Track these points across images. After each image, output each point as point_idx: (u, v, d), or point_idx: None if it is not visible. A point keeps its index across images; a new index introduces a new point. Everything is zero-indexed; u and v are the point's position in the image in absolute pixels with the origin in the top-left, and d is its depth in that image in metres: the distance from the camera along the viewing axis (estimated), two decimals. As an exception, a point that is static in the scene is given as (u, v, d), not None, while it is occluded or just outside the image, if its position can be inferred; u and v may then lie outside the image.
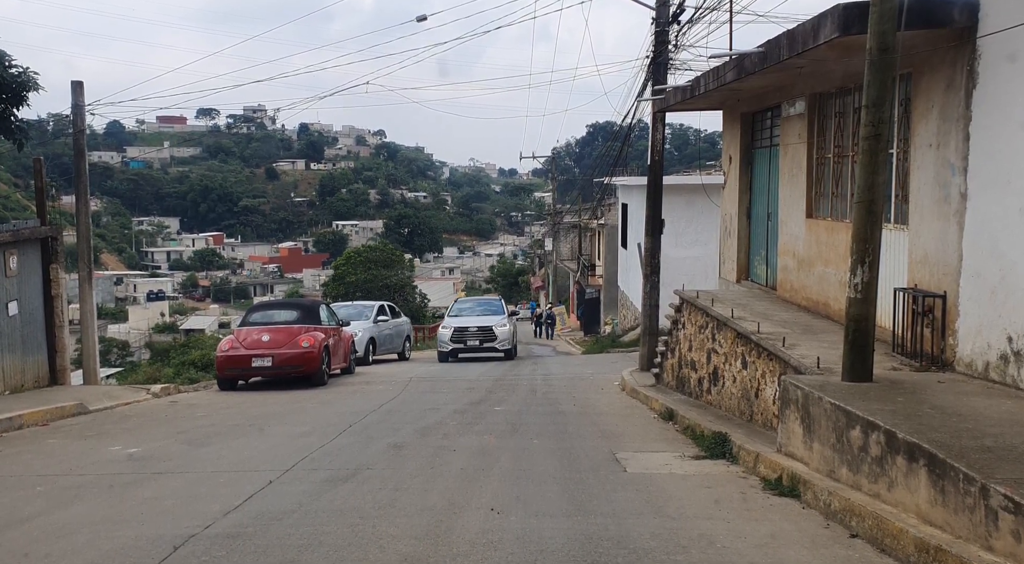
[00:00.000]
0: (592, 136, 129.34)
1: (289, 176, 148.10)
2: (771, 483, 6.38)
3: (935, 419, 5.31)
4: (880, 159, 6.48)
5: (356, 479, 6.91)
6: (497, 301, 25.97)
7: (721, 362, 10.24)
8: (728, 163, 14.36)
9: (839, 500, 5.37)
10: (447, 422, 10.43)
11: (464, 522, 5.49)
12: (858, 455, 5.48)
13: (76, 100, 15.33)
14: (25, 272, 13.54)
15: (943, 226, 7.29)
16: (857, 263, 6.56)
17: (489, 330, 22.44)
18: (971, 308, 6.87)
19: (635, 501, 6.07)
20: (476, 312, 23.91)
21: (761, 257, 13.09)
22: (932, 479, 4.56)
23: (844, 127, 9.86)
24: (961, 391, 6.27)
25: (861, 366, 6.61)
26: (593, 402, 12.50)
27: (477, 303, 25.81)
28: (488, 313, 23.77)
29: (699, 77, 12.17)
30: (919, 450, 4.73)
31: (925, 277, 7.61)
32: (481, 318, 23.20)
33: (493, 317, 23.30)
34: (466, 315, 23.69)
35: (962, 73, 6.98)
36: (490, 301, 26.21)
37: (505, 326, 22.82)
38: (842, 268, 9.44)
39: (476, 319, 23.14)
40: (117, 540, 5.22)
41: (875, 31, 6.37)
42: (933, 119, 7.49)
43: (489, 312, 23.88)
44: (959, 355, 7.04)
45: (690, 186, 23.98)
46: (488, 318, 23.19)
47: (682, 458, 7.71)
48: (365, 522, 5.48)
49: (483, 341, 22.39)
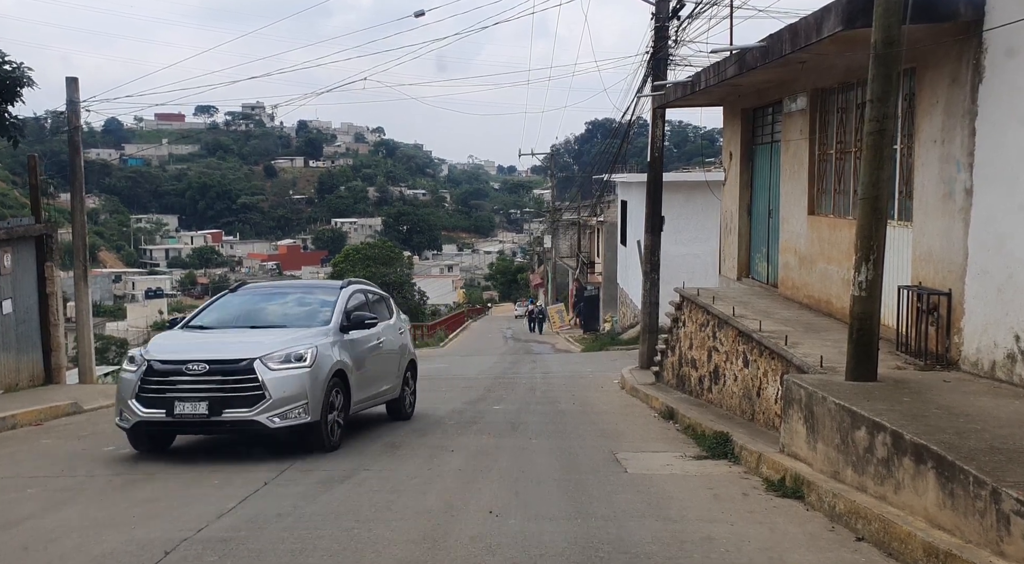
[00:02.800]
0: (591, 133, 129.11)
1: (288, 173, 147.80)
2: (774, 484, 6.28)
3: (942, 420, 5.21)
4: (885, 154, 6.37)
5: (353, 480, 6.81)
6: (329, 290, 9.74)
7: (722, 360, 10.14)
8: (729, 160, 14.25)
9: (844, 502, 5.26)
10: (445, 420, 10.33)
11: (462, 525, 5.38)
12: (863, 456, 5.37)
13: (71, 96, 15.18)
14: (19, 270, 13.43)
15: (948, 223, 7.18)
16: (861, 260, 6.45)
17: (242, 371, 7.74)
18: (977, 306, 6.76)
19: (636, 503, 5.96)
20: (259, 316, 9.26)
21: (762, 254, 12.98)
22: (941, 482, 4.45)
23: (847, 123, 9.75)
24: (968, 391, 6.16)
25: (865, 365, 6.50)
26: (593, 400, 12.40)
27: (272, 294, 10.11)
28: (286, 320, 9.09)
29: (700, 72, 12.05)
30: (927, 452, 4.62)
31: (929, 275, 7.50)
32: (248, 337, 8.50)
33: (283, 334, 8.49)
34: (219, 328, 8.95)
35: (968, 68, 6.86)
36: (310, 289, 10.36)
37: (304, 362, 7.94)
38: (845, 265, 9.34)
39: (230, 340, 8.47)
40: (107, 544, 5.11)
41: (880, 24, 6.25)
42: (938, 114, 7.38)
43: (293, 318, 9.13)
44: (965, 354, 6.94)
45: (690, 183, 23.90)
46: (269, 337, 8.38)
47: (683, 458, 7.61)
48: (361, 526, 5.38)
49: (222, 405, 7.67)
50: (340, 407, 8.36)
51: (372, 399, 9.44)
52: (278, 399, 7.59)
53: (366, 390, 9.11)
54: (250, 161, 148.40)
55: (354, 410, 8.83)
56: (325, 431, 7.99)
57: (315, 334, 8.39)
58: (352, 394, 8.62)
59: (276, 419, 7.59)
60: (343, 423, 8.43)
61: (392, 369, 9.99)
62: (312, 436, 7.92)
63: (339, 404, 8.35)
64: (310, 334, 8.36)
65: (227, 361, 7.71)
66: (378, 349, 9.53)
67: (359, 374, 8.83)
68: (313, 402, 7.80)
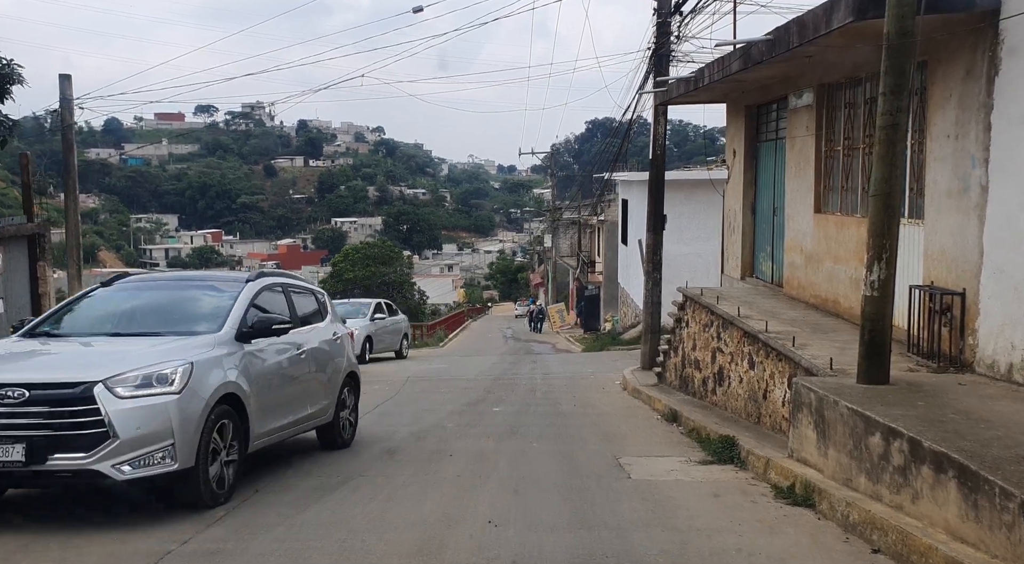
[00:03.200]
0: (591, 133, 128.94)
1: (288, 173, 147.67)
2: (783, 491, 6.07)
3: (961, 426, 4.98)
4: (898, 149, 6.15)
5: (346, 488, 6.58)
6: (230, 284, 7.46)
7: (727, 362, 9.91)
8: (732, 157, 14.02)
9: (858, 512, 5.04)
10: (444, 424, 10.11)
11: (459, 536, 5.16)
12: (878, 463, 5.15)
13: (64, 93, 14.97)
14: (11, 270, 13.22)
15: (962, 220, 6.95)
16: (874, 259, 6.22)
17: (77, 399, 5.48)
18: (993, 306, 6.53)
19: (640, 511, 5.74)
20: (128, 320, 6.95)
21: (766, 253, 12.75)
22: (963, 492, 4.23)
23: (854, 118, 9.51)
24: (985, 394, 5.93)
25: (878, 368, 6.27)
26: (594, 402, 12.18)
27: (153, 289, 7.74)
28: (164, 325, 6.75)
29: (703, 68, 11.82)
30: (947, 460, 4.40)
31: (942, 274, 7.27)
32: (100, 349, 6.29)
33: (152, 345, 6.22)
34: (73, 336, 6.76)
35: (983, 59, 6.63)
36: (206, 283, 7.74)
37: (169, 385, 5.73)
38: (852, 264, 9.12)
39: (71, 354, 6.35)
40: (89, 558, 4.89)
41: (893, 15, 6.02)
42: (951, 109, 7.14)
43: (174, 322, 6.81)
44: (979, 356, 6.70)
45: (691, 181, 23.67)
46: (130, 349, 6.11)
47: (688, 463, 7.39)
48: (353, 537, 5.16)
49: (48, 448, 5.39)
50: (230, 445, 6.14)
51: (289, 428, 7.25)
52: (128, 439, 5.38)
53: (277, 417, 6.93)
54: (250, 160, 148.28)
55: (257, 445, 6.66)
56: (203, 481, 5.77)
57: (196, 345, 6.19)
58: (252, 425, 6.43)
59: (126, 468, 5.39)
60: (238, 465, 6.25)
61: (320, 386, 7.86)
62: (185, 489, 5.76)
63: (228, 441, 6.11)
64: (189, 345, 6.16)
65: (56, 385, 5.45)
66: (298, 362, 7.41)
67: (265, 397, 6.66)
68: (183, 442, 5.59)
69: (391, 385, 14.76)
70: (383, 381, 15.60)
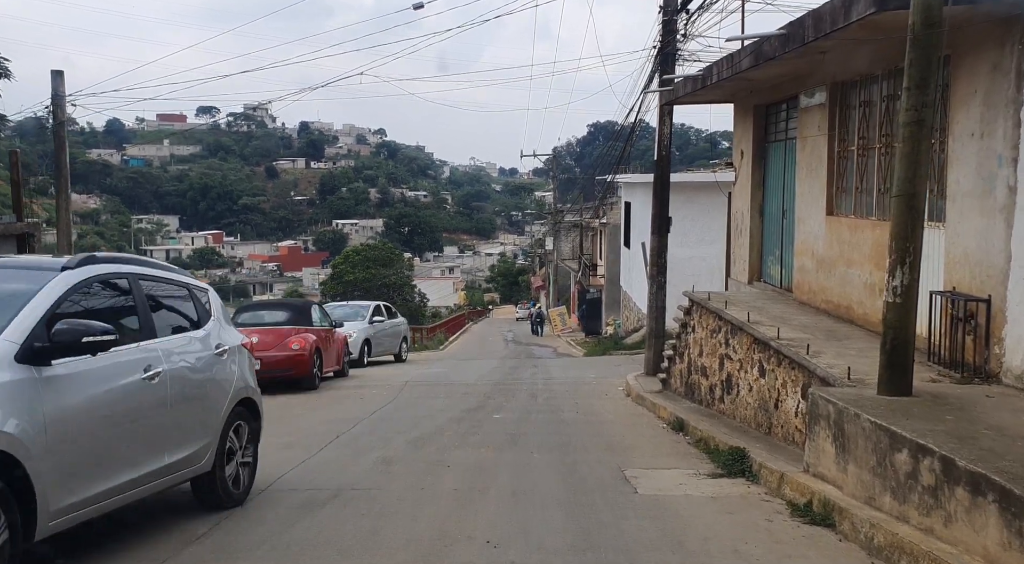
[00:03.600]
0: (593, 135, 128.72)
1: (289, 174, 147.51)
2: (800, 508, 5.71)
3: (997, 443, 4.63)
4: (923, 147, 5.80)
5: (337, 502, 6.22)
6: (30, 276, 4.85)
7: (735, 369, 9.56)
8: (740, 158, 13.68)
9: (884, 534, 4.69)
10: (442, 431, 9.76)
11: (455, 558, 4.81)
12: (905, 482, 4.79)
13: (56, 89, 14.65)
14: None
15: (987, 223, 6.60)
16: (896, 264, 5.88)
17: None
18: (1021, 313, 6.18)
19: (649, 531, 5.38)
20: None
21: (775, 257, 12.40)
22: (1006, 518, 3.87)
23: (870, 117, 9.16)
24: (1017, 408, 5.58)
25: (900, 378, 5.92)
26: (597, 409, 11.81)
27: None
28: None
29: (711, 65, 11.47)
30: (986, 482, 4.04)
31: (965, 279, 6.92)
32: None
33: None
34: None
35: (1012, 53, 6.29)
36: None
37: None
38: (867, 269, 8.77)
39: None
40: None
41: (920, 5, 5.68)
42: (976, 105, 6.80)
43: None
44: (1006, 366, 6.35)
45: (695, 184, 23.35)
46: None
47: (697, 476, 7.03)
48: (342, 559, 4.80)
49: None
50: (6, 528, 3.87)
51: (126, 490, 4.88)
52: None
53: (100, 478, 4.62)
54: (251, 162, 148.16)
55: (60, 525, 4.30)
56: None
57: None
58: (44, 497, 4.12)
59: None
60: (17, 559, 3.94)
61: (190, 423, 5.58)
62: None
63: (2, 525, 3.85)
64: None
65: None
66: (145, 390, 5.09)
67: (74, 450, 4.41)
68: None
69: (389, 389, 14.41)
70: (381, 385, 15.26)
